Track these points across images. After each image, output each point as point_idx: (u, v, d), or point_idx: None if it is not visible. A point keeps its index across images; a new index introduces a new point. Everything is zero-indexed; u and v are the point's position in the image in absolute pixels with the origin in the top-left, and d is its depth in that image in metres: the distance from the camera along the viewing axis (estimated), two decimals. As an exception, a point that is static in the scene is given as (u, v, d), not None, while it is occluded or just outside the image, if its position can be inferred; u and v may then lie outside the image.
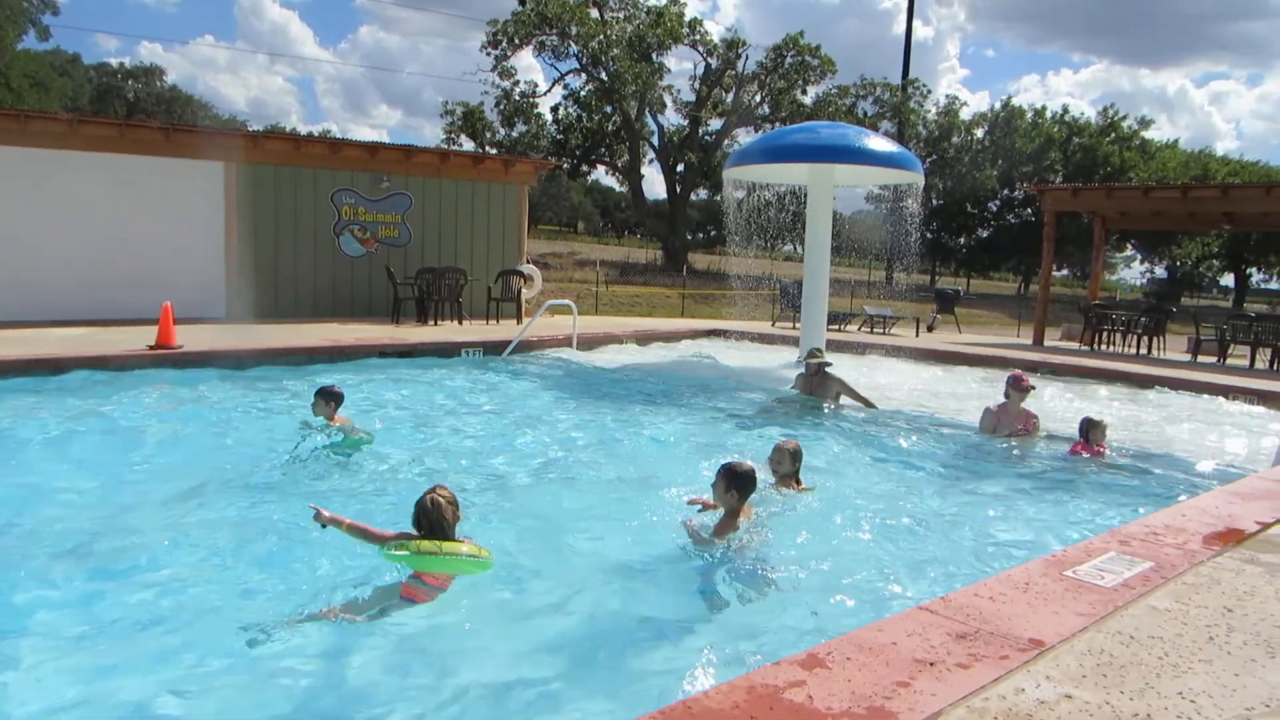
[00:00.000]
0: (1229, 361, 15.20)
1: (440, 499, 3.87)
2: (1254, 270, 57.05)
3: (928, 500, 5.99)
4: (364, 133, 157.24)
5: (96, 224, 13.11)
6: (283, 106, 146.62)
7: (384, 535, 3.95)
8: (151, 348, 9.74)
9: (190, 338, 10.38)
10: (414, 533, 3.88)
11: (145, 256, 13.42)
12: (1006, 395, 7.88)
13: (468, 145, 37.73)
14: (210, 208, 14.02)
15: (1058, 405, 9.93)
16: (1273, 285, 63.13)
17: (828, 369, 9.41)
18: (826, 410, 8.84)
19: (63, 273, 12.81)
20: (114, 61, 73.07)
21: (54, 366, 8.83)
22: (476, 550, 3.95)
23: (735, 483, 4.58)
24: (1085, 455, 7.09)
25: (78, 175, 12.93)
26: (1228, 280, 62.62)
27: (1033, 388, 7.91)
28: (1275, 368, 14.57)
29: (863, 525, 5.31)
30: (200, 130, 15.82)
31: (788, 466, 5.48)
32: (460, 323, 14.87)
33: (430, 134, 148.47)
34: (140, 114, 57.23)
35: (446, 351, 11.61)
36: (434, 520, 3.81)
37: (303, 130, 67.29)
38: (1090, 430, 7.15)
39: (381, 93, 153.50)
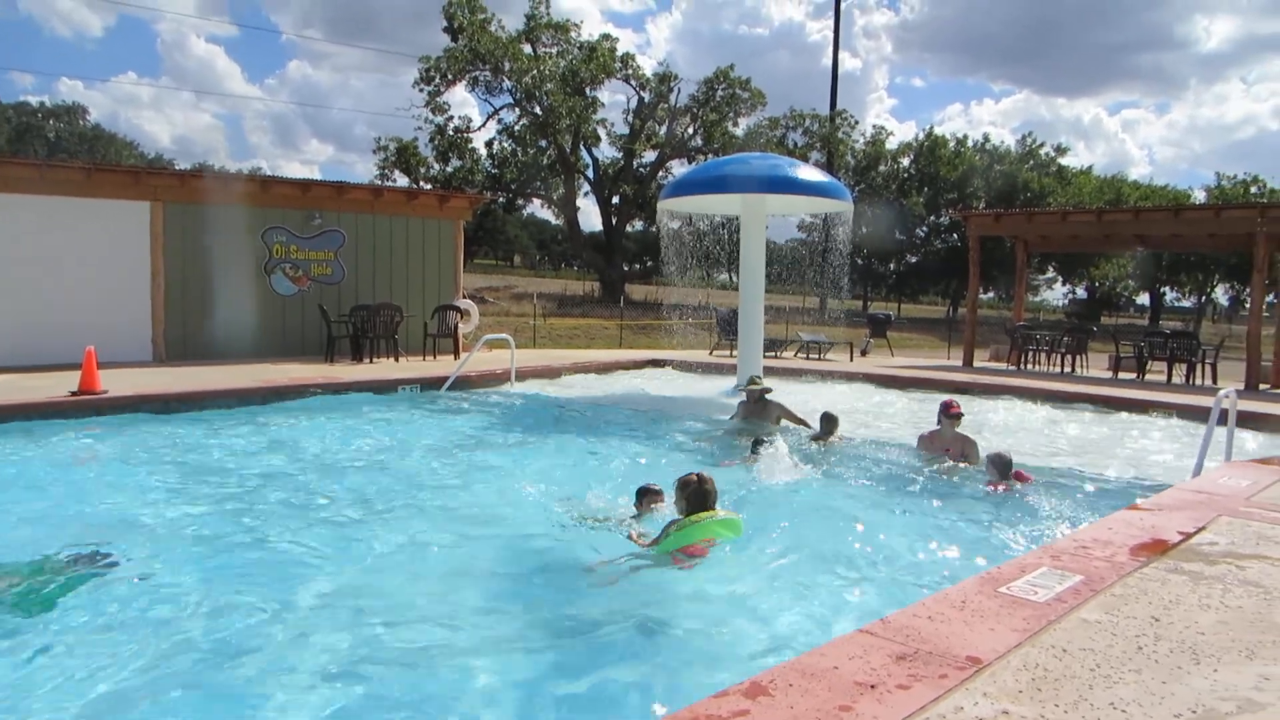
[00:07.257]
0: (1147, 377, 15.81)
1: (701, 476, 4.69)
2: (1167, 289, 59.72)
3: (866, 522, 6.05)
4: (295, 169, 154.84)
5: (15, 268, 12.65)
6: (210, 144, 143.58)
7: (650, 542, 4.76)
8: (74, 394, 9.40)
9: (115, 382, 10.05)
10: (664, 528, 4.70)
11: (68, 300, 12.98)
12: (939, 422, 8.00)
13: (402, 181, 37.45)
14: (136, 248, 13.64)
15: (990, 422, 10.17)
16: (1185, 304, 66.07)
17: (767, 395, 9.53)
18: (767, 435, 8.91)
19: (-23, 318, 12.32)
20: (33, 100, 71.08)
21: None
22: (729, 514, 4.77)
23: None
24: (1003, 491, 6.84)
25: (-6, 218, 12.50)
26: (1144, 299, 65.44)
27: (962, 414, 8.01)
28: (1190, 382, 15.18)
29: (802, 549, 5.35)
30: (124, 169, 15.42)
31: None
32: (396, 359, 14.68)
33: (363, 170, 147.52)
34: (62, 154, 55.70)
35: (383, 389, 11.43)
36: (701, 495, 4.60)
37: (231, 167, 66.21)
38: (997, 468, 6.93)
39: (312, 128, 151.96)
